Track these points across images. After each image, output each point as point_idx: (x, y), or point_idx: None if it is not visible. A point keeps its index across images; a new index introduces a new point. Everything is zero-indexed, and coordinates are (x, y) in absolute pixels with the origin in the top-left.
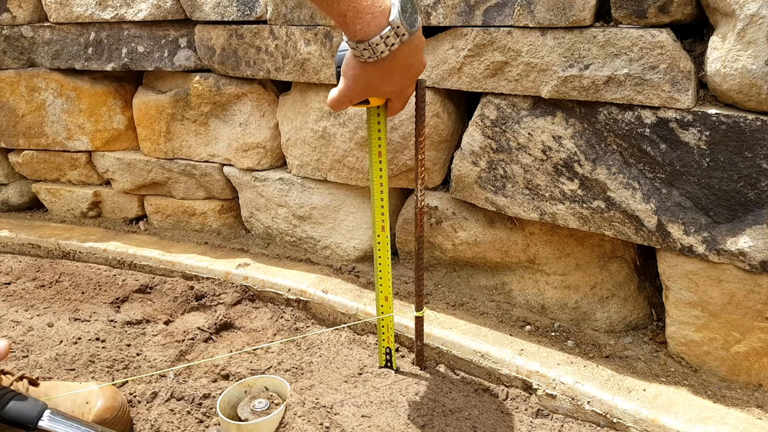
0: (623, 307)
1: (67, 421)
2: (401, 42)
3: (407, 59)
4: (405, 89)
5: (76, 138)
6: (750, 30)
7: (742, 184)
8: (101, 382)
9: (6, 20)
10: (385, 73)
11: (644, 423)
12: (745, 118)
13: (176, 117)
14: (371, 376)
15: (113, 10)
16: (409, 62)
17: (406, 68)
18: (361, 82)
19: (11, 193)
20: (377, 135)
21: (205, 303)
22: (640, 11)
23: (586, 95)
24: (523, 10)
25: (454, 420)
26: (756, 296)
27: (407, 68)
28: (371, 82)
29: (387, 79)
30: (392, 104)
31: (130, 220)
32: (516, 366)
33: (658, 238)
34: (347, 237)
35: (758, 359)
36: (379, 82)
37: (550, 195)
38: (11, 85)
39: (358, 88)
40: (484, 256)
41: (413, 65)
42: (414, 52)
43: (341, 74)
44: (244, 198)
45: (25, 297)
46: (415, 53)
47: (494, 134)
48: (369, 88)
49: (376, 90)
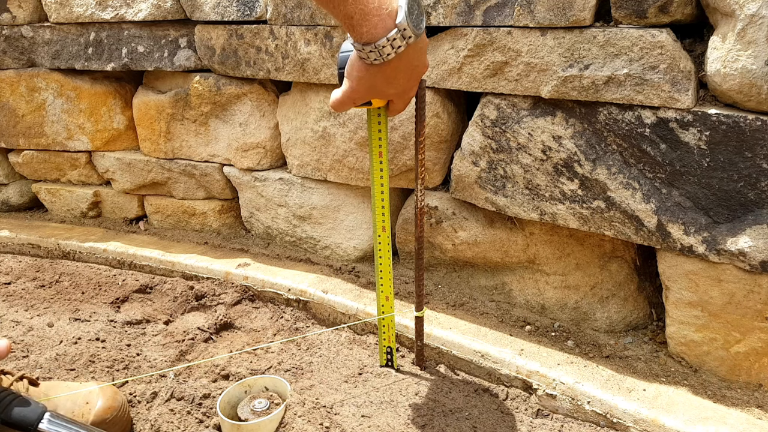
0: (623, 307)
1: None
2: (407, 44)
3: (412, 61)
4: (408, 90)
5: (76, 138)
6: (750, 30)
7: (742, 184)
8: (101, 382)
9: (6, 20)
10: (390, 75)
11: (644, 423)
12: (745, 118)
13: (176, 117)
14: (371, 376)
15: (113, 10)
16: (414, 64)
17: (410, 70)
18: (366, 84)
19: (11, 193)
20: (378, 135)
21: (205, 303)
22: (640, 11)
23: (586, 95)
24: (523, 10)
25: (454, 420)
26: (756, 296)
27: (411, 70)
28: (375, 84)
29: (391, 81)
30: (394, 105)
31: (130, 220)
32: (516, 366)
33: (658, 238)
34: (347, 237)
35: (758, 359)
36: (383, 84)
37: (550, 195)
38: (11, 85)
39: (362, 89)
40: (484, 256)
41: (417, 67)
42: (419, 53)
43: (345, 76)
44: (244, 198)
45: (25, 297)
46: (419, 55)
47: (494, 134)
48: (373, 89)
49: (380, 92)
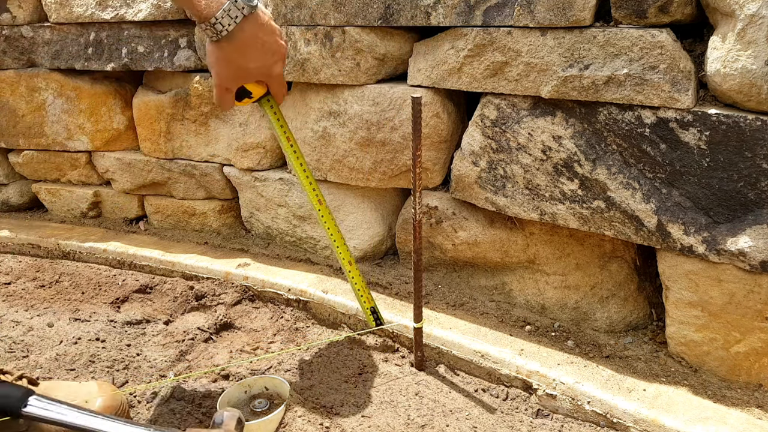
0: (623, 307)
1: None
2: (244, 15)
3: (257, 35)
4: (270, 67)
5: (76, 138)
6: (750, 30)
7: (742, 184)
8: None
9: (6, 20)
10: (241, 48)
11: (644, 423)
12: (745, 118)
13: (176, 117)
14: (371, 376)
15: (113, 10)
16: (263, 39)
17: (260, 44)
18: (224, 64)
19: (11, 193)
20: (280, 124)
21: (205, 303)
22: (640, 11)
23: (586, 95)
24: (523, 10)
25: (454, 420)
26: (756, 296)
27: (261, 44)
28: (233, 60)
29: (245, 54)
30: (272, 89)
31: (130, 220)
32: (516, 366)
33: (658, 238)
34: (347, 237)
35: (758, 359)
36: (239, 58)
37: (550, 195)
38: (11, 85)
39: (224, 73)
40: (484, 256)
41: (267, 42)
42: (264, 30)
43: (209, 69)
44: (244, 198)
45: (25, 297)
46: (266, 32)
47: (494, 134)
48: (232, 67)
49: (242, 69)
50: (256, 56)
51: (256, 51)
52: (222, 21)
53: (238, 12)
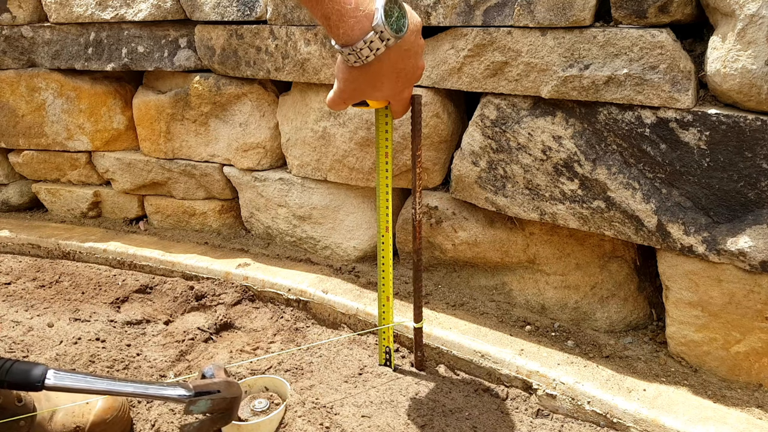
0: (623, 307)
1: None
2: (387, 47)
3: (396, 64)
4: (399, 93)
5: (76, 138)
6: (750, 30)
7: (742, 184)
8: None
9: (6, 20)
10: (373, 78)
11: (644, 423)
12: (745, 118)
13: (176, 117)
14: (371, 376)
15: (113, 10)
16: (399, 67)
17: (395, 73)
18: (350, 86)
19: (11, 193)
20: (384, 136)
21: (205, 303)
22: (640, 11)
23: (586, 95)
24: (523, 10)
25: (454, 420)
26: (756, 296)
27: (397, 73)
28: (359, 87)
29: (375, 84)
30: (392, 107)
31: (130, 220)
32: (516, 366)
33: (658, 238)
34: (347, 237)
35: (758, 359)
36: (367, 87)
37: (550, 195)
38: (11, 85)
39: (348, 90)
40: (484, 256)
41: (404, 70)
42: (404, 56)
43: (335, 75)
44: (244, 198)
45: (25, 297)
46: (405, 58)
47: (494, 134)
48: (358, 91)
49: (366, 94)
50: (387, 85)
51: (389, 81)
52: (360, 52)
53: (381, 45)
